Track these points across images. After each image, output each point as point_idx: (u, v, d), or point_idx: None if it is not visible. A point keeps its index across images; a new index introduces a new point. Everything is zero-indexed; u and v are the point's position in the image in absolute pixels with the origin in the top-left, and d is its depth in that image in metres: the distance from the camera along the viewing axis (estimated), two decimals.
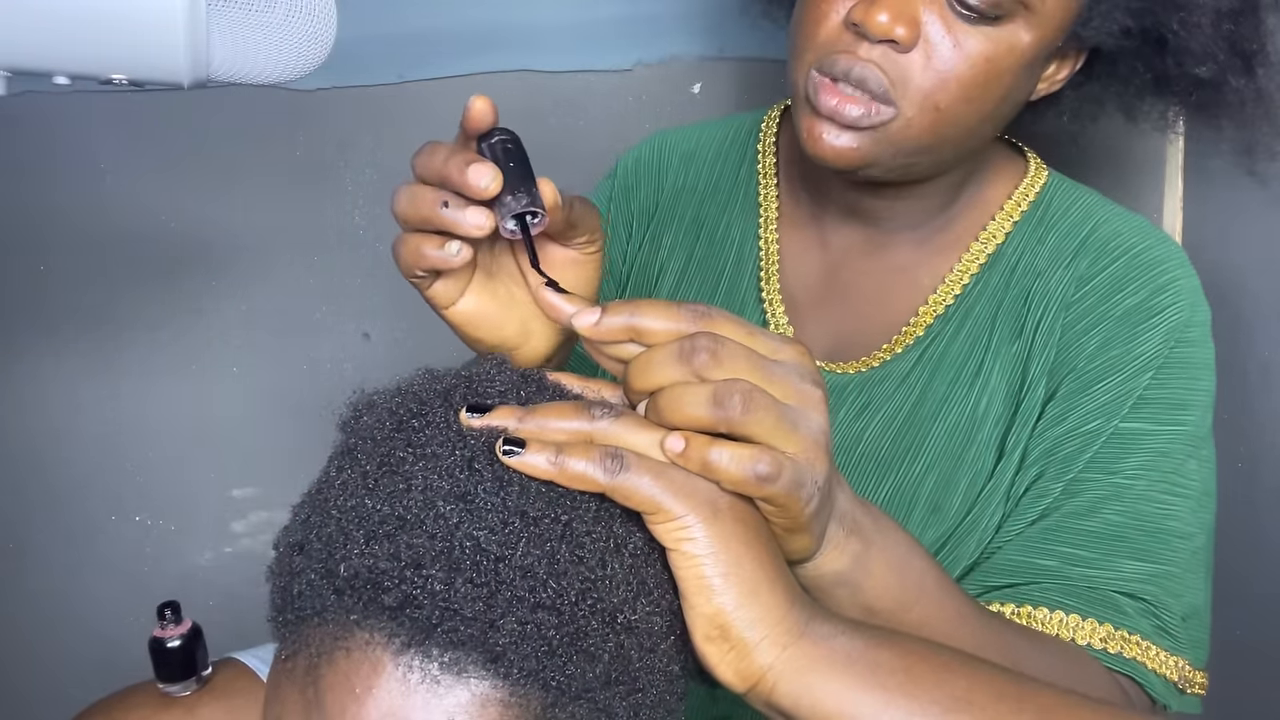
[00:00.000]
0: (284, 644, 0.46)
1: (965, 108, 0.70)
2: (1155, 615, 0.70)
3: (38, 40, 0.55)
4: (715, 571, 0.45)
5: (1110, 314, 0.75)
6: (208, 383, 1.22)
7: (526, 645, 0.42)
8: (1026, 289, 0.78)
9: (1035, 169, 0.84)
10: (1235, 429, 1.06)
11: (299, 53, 0.61)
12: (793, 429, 0.47)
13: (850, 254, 0.83)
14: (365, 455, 0.47)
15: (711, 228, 0.88)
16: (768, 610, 0.45)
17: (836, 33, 0.70)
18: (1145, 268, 0.76)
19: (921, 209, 0.81)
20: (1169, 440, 0.73)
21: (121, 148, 1.18)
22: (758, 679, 0.45)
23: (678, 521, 0.45)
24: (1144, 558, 0.71)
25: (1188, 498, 0.73)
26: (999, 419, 0.76)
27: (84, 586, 1.25)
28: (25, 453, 1.22)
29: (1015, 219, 0.81)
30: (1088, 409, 0.74)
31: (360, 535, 0.44)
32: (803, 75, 0.72)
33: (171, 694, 0.71)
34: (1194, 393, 0.75)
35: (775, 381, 0.48)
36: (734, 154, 0.90)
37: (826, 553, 0.53)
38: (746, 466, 0.46)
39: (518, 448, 0.45)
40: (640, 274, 0.92)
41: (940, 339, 0.79)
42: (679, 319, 0.48)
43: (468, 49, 1.17)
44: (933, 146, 0.72)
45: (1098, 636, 0.69)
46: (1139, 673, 0.70)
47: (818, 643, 0.46)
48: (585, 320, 0.49)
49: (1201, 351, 0.76)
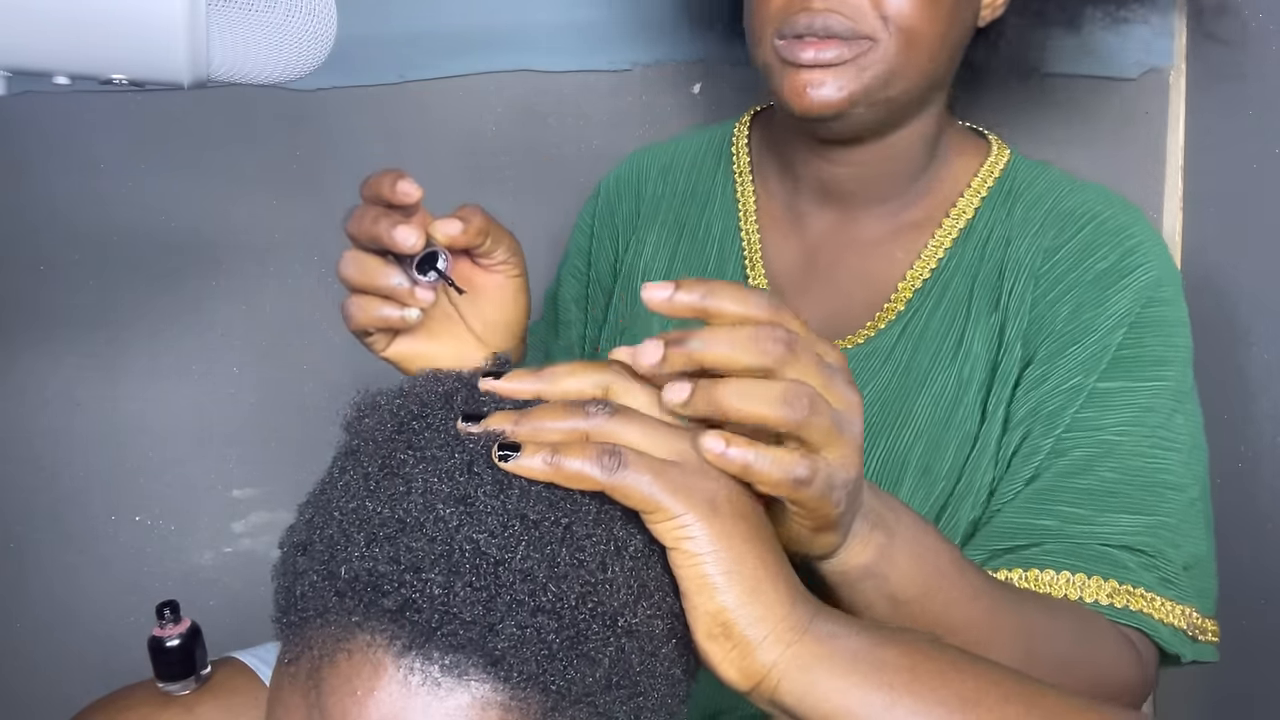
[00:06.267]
0: (287, 645, 0.46)
1: (924, 25, 0.75)
2: (1156, 567, 0.72)
3: (38, 40, 0.55)
4: (716, 569, 0.44)
5: (1081, 279, 0.78)
6: (208, 383, 1.22)
7: (526, 649, 0.42)
8: (1000, 260, 0.81)
9: (998, 149, 0.87)
10: (1235, 429, 1.06)
11: (299, 53, 0.62)
12: (839, 434, 0.48)
13: (827, 236, 0.87)
14: (367, 457, 0.47)
15: (693, 227, 0.92)
16: (770, 608, 0.45)
17: (786, 1, 0.76)
18: (1112, 233, 0.79)
19: (890, 180, 0.84)
20: (1152, 395, 0.75)
21: (121, 148, 1.19)
22: (761, 677, 0.45)
23: (677, 520, 0.44)
24: (1140, 511, 0.73)
25: (1177, 450, 0.75)
26: (982, 384, 0.79)
27: (84, 587, 1.25)
28: (25, 453, 1.22)
29: (983, 194, 0.84)
30: (1068, 367, 0.76)
31: (361, 538, 0.44)
32: (769, 49, 0.78)
33: (170, 693, 0.71)
34: (1171, 349, 0.77)
35: (832, 387, 0.48)
36: (709, 159, 0.95)
37: (852, 547, 0.54)
38: (786, 470, 0.47)
39: (513, 452, 0.44)
40: (627, 277, 0.94)
41: (921, 313, 0.82)
42: (752, 306, 0.47)
43: (468, 49, 1.17)
44: (904, 70, 0.76)
45: (1104, 593, 0.71)
46: (1147, 624, 0.71)
47: (821, 640, 0.45)
48: (659, 294, 0.48)
49: (1174, 310, 0.79)
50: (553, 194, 1.23)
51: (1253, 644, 1.05)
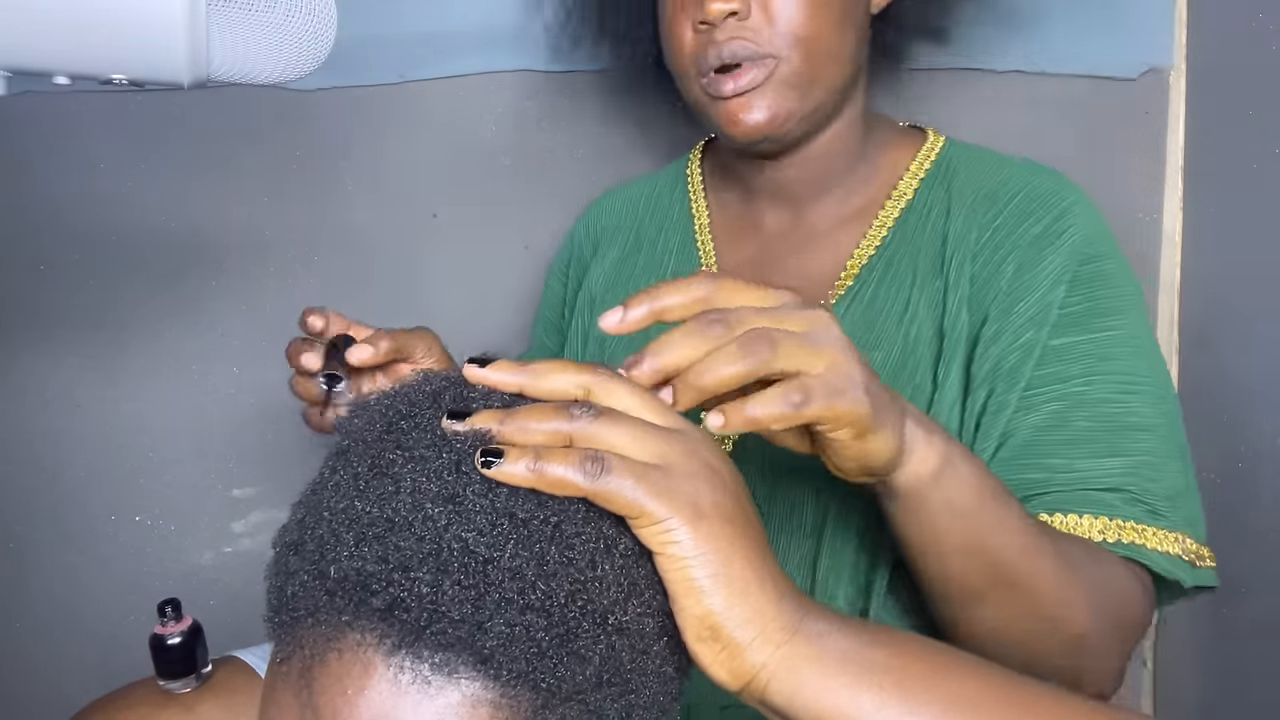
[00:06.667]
0: (279, 645, 0.46)
1: (819, 31, 0.82)
2: (1142, 501, 0.75)
3: (38, 40, 0.55)
4: (703, 573, 0.44)
5: (1019, 244, 0.81)
6: (208, 383, 1.23)
7: (516, 647, 0.42)
8: (941, 231, 0.85)
9: (934, 137, 0.93)
10: (1235, 429, 1.06)
11: (299, 53, 0.62)
12: (816, 349, 0.52)
13: (780, 235, 0.93)
14: (357, 457, 0.47)
15: (651, 243, 1.00)
16: (758, 610, 0.45)
17: (694, 40, 0.84)
18: (1041, 199, 0.83)
19: (831, 172, 0.90)
20: (1107, 345, 0.78)
21: (121, 148, 1.19)
22: (751, 678, 0.45)
23: (661, 524, 0.44)
24: (1117, 453, 0.76)
25: (1143, 393, 0.78)
26: (930, 346, 0.82)
27: (84, 586, 1.25)
28: (25, 453, 1.22)
29: (921, 176, 0.90)
30: (1017, 324, 0.79)
31: (350, 537, 0.44)
32: (695, 86, 0.86)
33: (171, 691, 0.72)
34: (1117, 299, 0.80)
35: (786, 320, 0.52)
36: (667, 187, 1.03)
37: (918, 452, 0.59)
38: (780, 403, 0.51)
39: (496, 458, 0.44)
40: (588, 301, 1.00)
41: (868, 285, 0.86)
42: (692, 289, 0.53)
43: (468, 49, 1.17)
44: (816, 76, 0.83)
45: (1096, 530, 0.74)
46: (1141, 554, 0.74)
47: (811, 641, 0.45)
48: (611, 320, 0.53)
49: (1111, 263, 0.82)
50: (552, 194, 1.23)
51: (1253, 644, 1.05)
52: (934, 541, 0.62)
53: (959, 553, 0.63)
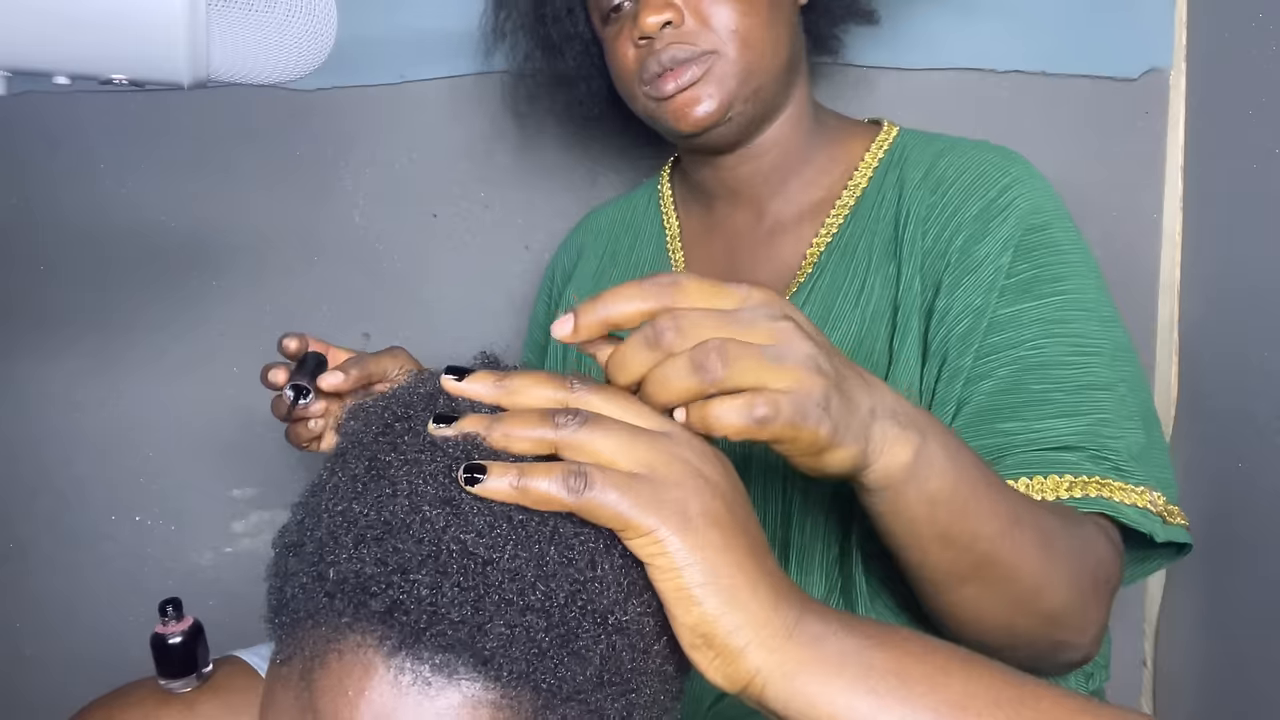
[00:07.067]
0: (280, 646, 0.46)
1: (750, 24, 0.87)
2: (1104, 459, 0.74)
3: (38, 40, 0.55)
4: (693, 581, 0.44)
5: (966, 217, 0.83)
6: (208, 383, 1.23)
7: (515, 648, 0.42)
8: (894, 215, 0.87)
9: (888, 128, 0.95)
10: (1235, 429, 1.06)
11: (299, 53, 0.62)
12: (778, 364, 0.49)
13: (744, 234, 0.96)
14: (354, 459, 0.47)
15: (625, 255, 1.03)
16: (751, 616, 0.45)
17: (636, 55, 0.90)
18: (988, 173, 0.84)
19: (785, 167, 0.93)
20: (1057, 309, 0.78)
21: (121, 148, 1.19)
22: (746, 682, 0.45)
23: (649, 536, 0.44)
24: (1074, 413, 0.75)
25: (1099, 354, 0.78)
26: (886, 323, 0.83)
27: (84, 586, 1.25)
28: (25, 453, 1.22)
29: (875, 166, 0.92)
30: (968, 292, 0.80)
31: (349, 540, 0.44)
32: (641, 97, 0.91)
33: (172, 690, 0.72)
34: (1064, 265, 0.80)
35: (746, 329, 0.49)
36: (640, 202, 1.07)
37: (888, 450, 0.56)
38: (744, 413, 0.48)
39: (480, 474, 0.44)
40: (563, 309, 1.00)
41: (825, 272, 0.88)
42: (644, 296, 0.49)
43: (468, 49, 1.17)
44: (755, 65, 0.87)
45: (1062, 489, 0.73)
46: (1108, 506, 0.73)
47: (806, 645, 0.45)
48: (563, 330, 0.50)
49: (1057, 231, 0.82)
50: (552, 194, 1.23)
51: (1252, 644, 1.05)
52: (912, 532, 0.62)
53: (937, 540, 0.62)
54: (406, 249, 1.23)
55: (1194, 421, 1.14)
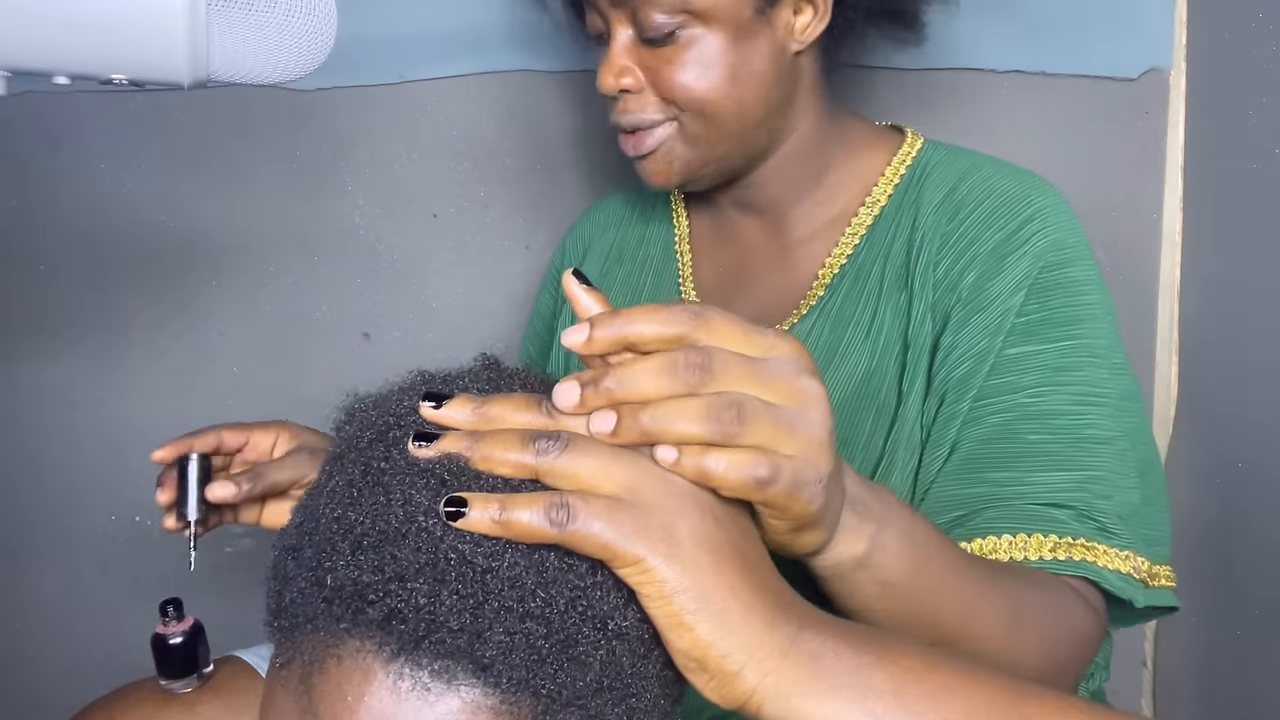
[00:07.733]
0: (279, 649, 0.46)
1: (708, 89, 0.82)
2: (1090, 518, 0.72)
3: (38, 40, 0.55)
4: (684, 608, 0.43)
5: (981, 250, 0.80)
6: (208, 383, 1.22)
7: (515, 655, 0.42)
8: (907, 240, 0.84)
9: (912, 138, 0.91)
10: (1235, 429, 1.06)
11: (299, 53, 0.62)
12: (791, 431, 0.46)
13: (756, 244, 0.93)
14: (350, 464, 0.47)
15: (632, 253, 1.01)
16: (744, 639, 0.44)
17: (609, 103, 0.87)
18: (1009, 204, 0.81)
19: (796, 186, 0.90)
20: (1063, 355, 0.76)
21: (121, 148, 1.19)
22: (743, 702, 0.45)
23: (637, 565, 0.43)
24: (1068, 467, 0.73)
25: (1102, 404, 0.75)
26: (896, 359, 0.81)
27: (84, 586, 1.25)
28: (25, 453, 1.22)
29: (895, 182, 0.88)
30: (973, 333, 0.77)
31: (346, 546, 0.44)
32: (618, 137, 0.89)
33: (173, 691, 0.72)
34: (1079, 308, 0.78)
35: (770, 384, 0.46)
36: (649, 198, 1.04)
37: (843, 540, 0.54)
38: (745, 472, 0.45)
39: (461, 507, 0.43)
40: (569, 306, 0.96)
41: (837, 294, 0.86)
42: (671, 322, 0.46)
43: (468, 49, 1.17)
44: (720, 133, 0.84)
45: (1046, 549, 0.71)
46: (1090, 571, 0.71)
47: (802, 665, 0.44)
48: (575, 338, 0.47)
49: (1078, 269, 0.79)
50: (552, 194, 1.23)
51: (1253, 646, 1.05)
52: (864, 609, 0.59)
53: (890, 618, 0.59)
54: (406, 249, 1.23)
55: (1194, 421, 1.14)
